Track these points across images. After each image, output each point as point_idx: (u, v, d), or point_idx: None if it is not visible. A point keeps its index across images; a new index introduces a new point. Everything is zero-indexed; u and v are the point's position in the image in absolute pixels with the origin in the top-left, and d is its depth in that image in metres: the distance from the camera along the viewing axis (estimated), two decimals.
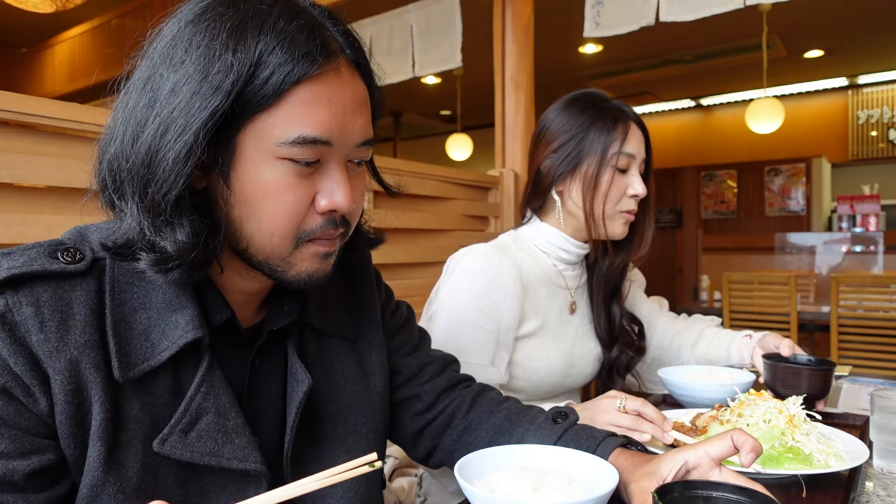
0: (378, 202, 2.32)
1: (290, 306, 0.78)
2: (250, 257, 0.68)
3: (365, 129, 0.69)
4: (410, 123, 8.99)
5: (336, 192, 0.66)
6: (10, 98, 1.25)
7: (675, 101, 8.16)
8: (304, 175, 0.65)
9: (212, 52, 0.60)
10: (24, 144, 1.31)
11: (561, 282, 1.38)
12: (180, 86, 0.60)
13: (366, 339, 0.88)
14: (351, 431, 0.81)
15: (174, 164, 0.60)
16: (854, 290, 3.97)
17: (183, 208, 0.62)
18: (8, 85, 5.87)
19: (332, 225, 0.68)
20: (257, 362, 0.76)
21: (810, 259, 6.03)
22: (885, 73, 6.88)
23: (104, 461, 0.61)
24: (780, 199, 6.98)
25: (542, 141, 1.37)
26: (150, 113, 0.61)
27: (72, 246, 0.65)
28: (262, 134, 0.63)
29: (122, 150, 0.63)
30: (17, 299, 0.59)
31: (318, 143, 0.64)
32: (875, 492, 0.88)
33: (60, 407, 0.60)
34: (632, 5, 2.89)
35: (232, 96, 0.60)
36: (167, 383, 0.66)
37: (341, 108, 0.65)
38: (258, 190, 0.64)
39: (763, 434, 0.90)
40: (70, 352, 0.61)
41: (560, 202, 1.35)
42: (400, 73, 3.95)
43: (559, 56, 6.04)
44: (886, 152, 7.19)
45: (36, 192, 1.33)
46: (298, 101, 0.62)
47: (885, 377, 1.66)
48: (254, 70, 0.60)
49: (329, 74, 0.64)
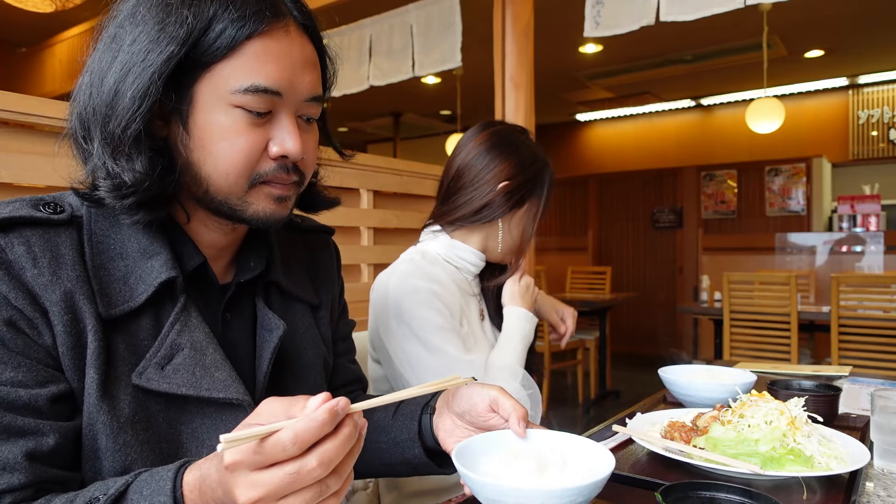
0: (378, 202, 2.32)
1: (256, 262, 0.84)
2: (210, 199, 0.74)
3: (314, 86, 0.75)
4: (410, 123, 8.99)
5: (287, 139, 0.72)
6: (10, 98, 1.25)
7: (675, 101, 8.15)
8: (256, 123, 0.71)
9: (169, 8, 0.67)
10: (23, 144, 1.31)
11: (470, 290, 1.41)
12: (141, 38, 0.67)
13: (322, 312, 0.94)
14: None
15: (131, 101, 0.66)
16: (854, 290, 3.96)
17: (141, 145, 0.68)
18: (7, 85, 5.88)
19: (284, 170, 0.74)
20: (228, 315, 0.82)
21: (810, 259, 6.02)
22: (886, 72, 6.87)
23: (97, 389, 0.66)
24: (780, 199, 6.98)
25: (500, 166, 1.34)
26: (115, 63, 0.68)
27: (51, 201, 0.72)
28: (218, 83, 0.69)
29: (88, 97, 0.70)
30: (9, 240, 0.66)
31: (269, 93, 0.70)
32: (875, 492, 0.87)
33: (61, 338, 0.66)
34: (632, 5, 2.89)
35: (187, 45, 0.66)
36: (149, 325, 0.72)
37: (290, 62, 0.71)
38: (213, 134, 0.70)
39: (764, 435, 0.90)
40: (64, 284, 0.67)
41: (501, 229, 1.37)
42: (400, 73, 3.95)
43: (559, 56, 6.04)
44: (887, 152, 7.19)
45: (35, 192, 1.33)
46: (251, 53, 0.69)
47: (885, 377, 1.66)
48: (208, 24, 0.67)
49: (278, 32, 0.71)
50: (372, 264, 2.26)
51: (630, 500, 0.84)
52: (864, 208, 6.13)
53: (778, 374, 1.69)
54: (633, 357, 7.31)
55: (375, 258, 2.27)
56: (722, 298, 4.33)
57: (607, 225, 8.03)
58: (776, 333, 4.13)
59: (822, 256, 5.94)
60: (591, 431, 1.13)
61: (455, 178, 1.38)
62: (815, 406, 1.11)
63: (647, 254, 7.74)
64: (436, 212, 1.43)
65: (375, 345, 1.33)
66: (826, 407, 1.15)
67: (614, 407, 5.17)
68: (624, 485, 0.89)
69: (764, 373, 1.69)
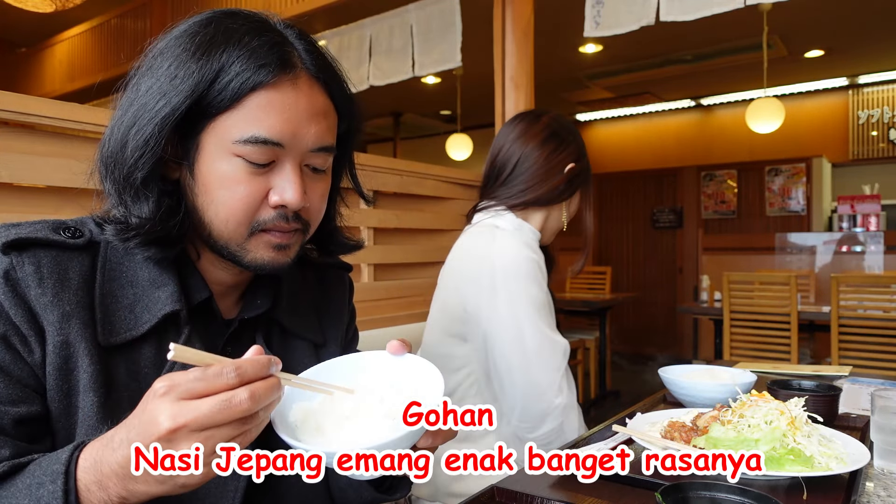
0: (378, 202, 2.32)
1: (262, 299, 0.86)
2: (213, 243, 0.76)
3: (320, 136, 0.76)
4: (410, 123, 8.99)
5: (286, 189, 0.74)
6: (10, 98, 1.25)
7: (675, 101, 8.15)
8: (257, 172, 0.73)
9: (181, 62, 0.71)
10: (23, 144, 1.31)
11: None
12: (153, 88, 0.71)
13: (328, 348, 0.93)
14: None
15: (133, 151, 0.70)
16: (854, 290, 3.96)
17: (150, 189, 0.72)
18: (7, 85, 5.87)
19: (284, 219, 0.76)
20: (229, 349, 0.83)
21: (810, 259, 6.02)
22: (886, 72, 6.87)
23: (97, 412, 0.68)
24: (780, 198, 6.98)
25: (566, 151, 1.45)
26: (129, 110, 0.72)
27: (73, 225, 0.75)
28: (222, 133, 0.71)
29: (107, 141, 0.74)
30: (21, 259, 0.68)
31: (269, 144, 0.71)
32: (875, 492, 0.87)
33: (51, 357, 0.68)
34: (632, 5, 2.89)
35: (192, 98, 0.69)
36: (150, 354, 0.73)
37: (295, 114, 0.73)
38: (215, 181, 0.73)
39: (764, 435, 0.90)
40: (64, 307, 0.69)
41: (564, 211, 1.49)
42: (400, 73, 3.95)
43: (559, 56, 6.04)
44: (887, 152, 7.19)
45: (35, 191, 1.33)
46: (254, 105, 0.71)
47: (885, 377, 1.66)
48: (215, 76, 0.70)
49: (285, 84, 0.72)
50: (372, 264, 2.26)
51: (630, 500, 0.84)
52: (864, 208, 6.13)
53: (778, 374, 1.70)
54: (633, 357, 7.31)
55: (375, 258, 2.27)
56: (722, 298, 4.33)
57: (607, 225, 8.03)
58: (776, 333, 4.13)
59: (822, 256, 5.94)
60: (591, 431, 1.13)
61: (520, 162, 1.45)
62: (815, 406, 1.11)
63: (647, 254, 7.74)
64: (496, 193, 1.48)
65: (462, 317, 1.33)
66: (826, 407, 1.15)
67: (614, 407, 5.17)
68: (624, 485, 0.89)
69: (764, 373, 1.70)
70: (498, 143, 1.50)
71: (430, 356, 1.32)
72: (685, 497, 0.67)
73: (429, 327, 1.48)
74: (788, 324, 4.07)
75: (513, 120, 1.53)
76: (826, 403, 1.16)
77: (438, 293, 1.48)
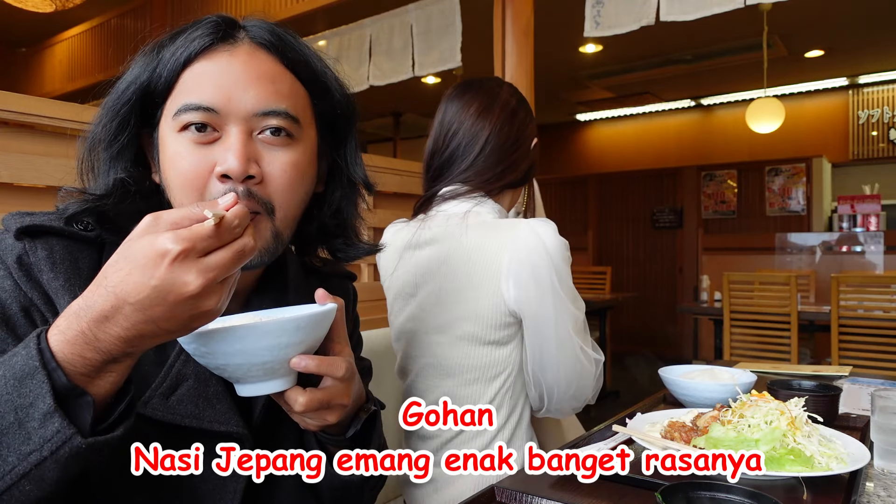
0: (379, 202, 2.32)
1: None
2: None
3: (262, 99, 0.73)
4: (410, 123, 8.99)
5: (227, 156, 0.70)
6: (10, 98, 1.25)
7: (675, 101, 8.15)
8: (201, 144, 0.72)
9: (136, 62, 0.75)
10: (23, 144, 1.31)
11: None
12: (119, 83, 0.76)
13: None
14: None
15: (95, 137, 0.75)
16: (854, 290, 3.96)
17: (114, 169, 0.75)
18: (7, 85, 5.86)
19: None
20: None
21: (810, 259, 6.02)
22: (886, 72, 6.87)
23: None
24: (780, 198, 6.98)
25: (531, 123, 1.34)
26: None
27: (84, 219, 0.75)
28: (167, 114, 0.74)
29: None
30: (34, 245, 0.70)
31: (201, 110, 0.71)
32: (875, 492, 0.87)
33: None
34: (632, 5, 2.89)
35: (136, 84, 0.73)
36: (151, 353, 0.72)
37: (230, 78, 0.72)
38: (166, 162, 0.74)
39: (765, 436, 0.90)
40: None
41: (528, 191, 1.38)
42: (400, 73, 3.95)
43: (559, 56, 6.04)
44: (887, 152, 7.19)
45: (35, 191, 1.33)
46: (188, 79, 0.73)
47: (885, 377, 1.66)
48: (157, 63, 0.73)
49: (220, 55, 0.73)
50: (372, 264, 2.26)
51: (630, 500, 0.84)
52: (864, 208, 6.13)
53: (778, 375, 1.70)
54: (633, 357, 7.31)
55: (375, 258, 2.26)
56: (722, 298, 4.33)
57: (607, 225, 8.03)
58: (776, 333, 4.13)
59: (823, 256, 5.94)
60: (592, 431, 1.13)
61: (490, 138, 1.28)
62: (815, 406, 1.11)
63: (647, 254, 7.73)
64: (464, 177, 1.29)
65: (504, 321, 1.19)
66: (826, 407, 1.15)
67: (614, 407, 5.17)
68: (624, 485, 0.89)
69: (764, 373, 1.70)
70: (450, 118, 1.32)
71: (456, 373, 1.22)
72: (685, 497, 0.67)
73: (442, 345, 1.25)
74: (788, 324, 4.07)
75: (461, 93, 1.33)
76: (826, 403, 1.16)
77: (445, 308, 1.24)
